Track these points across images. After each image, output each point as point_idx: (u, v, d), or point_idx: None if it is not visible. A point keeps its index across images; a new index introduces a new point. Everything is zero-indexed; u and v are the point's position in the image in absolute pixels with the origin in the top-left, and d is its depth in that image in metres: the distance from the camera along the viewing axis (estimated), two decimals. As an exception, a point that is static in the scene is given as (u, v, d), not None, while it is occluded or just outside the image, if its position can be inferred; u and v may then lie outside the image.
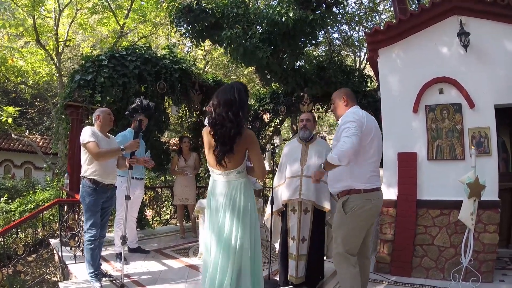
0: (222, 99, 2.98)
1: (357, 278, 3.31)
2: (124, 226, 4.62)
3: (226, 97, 2.98)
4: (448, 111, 5.02)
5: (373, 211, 3.32)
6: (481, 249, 4.64)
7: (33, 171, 18.31)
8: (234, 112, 2.92)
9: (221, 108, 2.95)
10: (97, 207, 4.39)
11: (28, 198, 10.13)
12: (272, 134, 12.54)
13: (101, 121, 4.49)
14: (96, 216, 4.37)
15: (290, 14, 6.68)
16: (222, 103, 2.96)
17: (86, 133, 4.26)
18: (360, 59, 17.62)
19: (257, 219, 3.23)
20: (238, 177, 3.10)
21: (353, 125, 3.20)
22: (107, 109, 4.67)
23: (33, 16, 14.36)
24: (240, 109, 2.96)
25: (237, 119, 2.91)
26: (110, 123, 4.63)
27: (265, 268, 5.13)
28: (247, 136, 3.00)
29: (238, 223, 3.03)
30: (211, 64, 18.93)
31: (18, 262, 5.19)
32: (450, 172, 4.88)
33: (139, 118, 4.46)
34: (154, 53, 7.60)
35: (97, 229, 4.34)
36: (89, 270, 4.30)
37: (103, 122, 4.51)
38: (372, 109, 7.68)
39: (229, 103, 2.94)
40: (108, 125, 4.60)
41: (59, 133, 7.02)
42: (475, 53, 4.93)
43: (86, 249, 4.32)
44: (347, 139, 3.15)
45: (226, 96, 2.98)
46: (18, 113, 14.50)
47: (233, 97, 2.96)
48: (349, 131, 3.19)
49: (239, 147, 2.97)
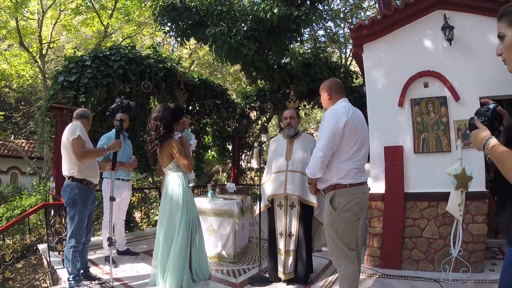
0: (152, 116, 4.27)
1: (356, 274, 3.29)
2: (110, 228, 4.57)
3: (154, 115, 4.21)
4: (433, 104, 5.04)
5: (362, 204, 3.30)
6: (470, 239, 4.69)
7: (20, 177, 18.03)
8: (157, 125, 4.13)
9: (151, 121, 4.21)
10: (87, 210, 4.27)
11: (14, 204, 9.96)
12: (259, 132, 12.54)
13: (88, 123, 4.41)
14: (85, 221, 4.22)
15: (274, 10, 6.67)
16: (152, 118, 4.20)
17: (76, 128, 4.07)
18: (345, 55, 17.67)
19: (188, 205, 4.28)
20: (170, 173, 4.34)
21: (327, 133, 3.17)
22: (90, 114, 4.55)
23: (16, 18, 14.18)
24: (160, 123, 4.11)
25: (157, 129, 4.12)
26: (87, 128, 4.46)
27: (255, 265, 5.15)
28: (168, 144, 4.14)
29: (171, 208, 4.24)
30: (196, 63, 18.84)
31: (6, 269, 5.08)
32: (437, 164, 4.91)
33: (120, 118, 4.41)
34: (138, 53, 7.52)
35: (83, 235, 4.21)
36: (71, 275, 4.12)
37: (87, 126, 4.39)
38: (358, 105, 7.69)
39: (154, 119, 4.16)
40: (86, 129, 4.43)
41: (44, 137, 6.91)
42: (460, 46, 4.96)
43: (70, 255, 4.08)
44: (317, 152, 3.22)
45: (154, 114, 4.20)
46: (3, 117, 14.31)
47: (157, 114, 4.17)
48: (322, 142, 3.20)
49: (163, 151, 4.21)
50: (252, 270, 5.06)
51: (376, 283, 4.49)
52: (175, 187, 4.26)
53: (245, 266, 5.29)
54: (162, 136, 4.11)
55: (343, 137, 3.18)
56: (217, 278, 4.74)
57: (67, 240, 4.23)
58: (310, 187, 3.65)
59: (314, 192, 3.66)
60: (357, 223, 3.30)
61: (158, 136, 4.12)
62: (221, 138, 10.68)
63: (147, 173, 10.34)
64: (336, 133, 3.15)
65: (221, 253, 5.48)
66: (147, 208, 9.31)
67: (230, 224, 5.45)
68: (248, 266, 5.30)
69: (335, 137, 3.16)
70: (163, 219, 4.28)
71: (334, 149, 3.21)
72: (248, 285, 4.47)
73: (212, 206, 5.58)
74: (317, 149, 3.25)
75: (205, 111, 9.83)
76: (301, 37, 8.01)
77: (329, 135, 3.16)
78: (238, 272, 4.98)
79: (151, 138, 4.19)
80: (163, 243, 4.22)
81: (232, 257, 5.41)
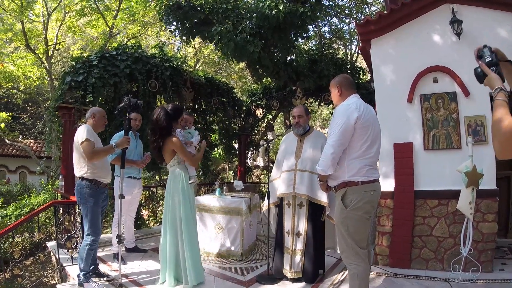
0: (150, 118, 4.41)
1: (367, 273, 3.23)
2: (119, 225, 4.57)
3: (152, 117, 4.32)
4: (443, 100, 4.98)
5: (374, 202, 3.25)
6: (480, 238, 4.63)
7: (28, 176, 18.21)
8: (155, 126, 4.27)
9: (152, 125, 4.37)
10: (99, 208, 4.33)
11: (23, 202, 10.03)
12: (265, 130, 12.51)
13: (96, 121, 4.40)
14: (98, 218, 4.30)
15: (280, 7, 6.63)
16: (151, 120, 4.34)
17: (84, 131, 4.15)
18: (351, 52, 17.58)
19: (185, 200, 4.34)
20: (171, 170, 4.43)
21: (338, 128, 3.13)
22: (103, 111, 4.59)
23: (22, 21, 14.24)
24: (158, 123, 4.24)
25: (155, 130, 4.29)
26: (102, 126, 4.57)
27: (263, 263, 5.13)
28: (168, 142, 4.25)
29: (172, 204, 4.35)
30: (201, 62, 18.83)
31: (15, 266, 5.14)
32: (447, 161, 4.85)
33: (128, 117, 4.40)
34: (144, 52, 7.52)
35: (99, 232, 4.29)
36: (82, 272, 4.21)
37: (97, 122, 4.42)
38: (366, 101, 7.60)
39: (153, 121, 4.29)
40: (100, 127, 4.53)
41: (52, 136, 6.94)
42: (468, 40, 4.88)
43: (85, 253, 4.17)
44: (328, 148, 3.19)
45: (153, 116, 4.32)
46: (11, 118, 14.42)
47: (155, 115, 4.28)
48: (332, 138, 3.16)
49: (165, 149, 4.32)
50: (260, 268, 5.04)
51: (385, 283, 4.45)
52: (176, 184, 4.38)
53: (252, 264, 5.28)
54: (160, 136, 4.28)
55: (354, 133, 3.13)
56: (224, 275, 4.73)
57: (84, 237, 4.32)
58: (321, 184, 3.61)
59: (325, 189, 3.62)
60: (369, 221, 3.25)
61: (157, 136, 4.30)
62: (227, 136, 10.66)
63: (154, 171, 10.36)
64: (347, 129, 3.11)
65: (229, 251, 5.48)
66: (154, 206, 9.33)
67: (238, 222, 5.44)
68: (256, 264, 5.28)
69: (346, 133, 3.12)
70: (166, 215, 4.41)
71: (345, 145, 3.17)
72: (256, 283, 4.45)
73: (220, 204, 5.58)
74: (328, 145, 3.21)
75: (211, 110, 9.84)
76: (307, 34, 7.94)
77: (340, 131, 3.12)
78: (246, 270, 4.97)
79: (151, 139, 4.40)
80: (169, 240, 4.31)
81: (239, 255, 5.40)
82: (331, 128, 3.23)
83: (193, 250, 4.29)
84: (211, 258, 5.52)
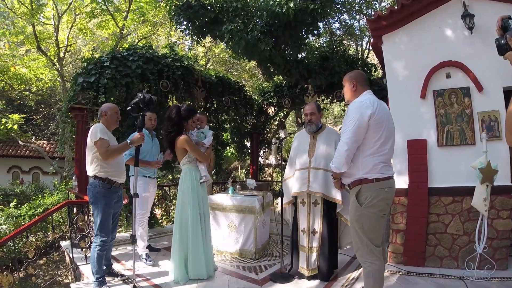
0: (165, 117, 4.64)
1: (382, 271, 3.20)
2: (134, 224, 4.43)
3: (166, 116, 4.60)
4: (456, 96, 4.93)
5: (388, 199, 3.23)
6: (494, 235, 4.58)
7: (41, 176, 18.44)
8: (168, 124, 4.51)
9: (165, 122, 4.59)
10: (111, 208, 4.20)
11: (37, 202, 10.16)
12: (277, 128, 12.50)
13: (108, 118, 4.28)
14: (109, 218, 4.18)
15: (290, 4, 6.60)
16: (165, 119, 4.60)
17: (97, 130, 4.03)
18: (362, 48, 17.47)
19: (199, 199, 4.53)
20: (183, 168, 4.61)
21: (352, 125, 3.12)
22: (115, 106, 4.42)
23: (33, 23, 14.39)
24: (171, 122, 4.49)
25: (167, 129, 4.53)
26: (116, 123, 4.41)
27: (277, 262, 5.13)
28: (179, 140, 4.44)
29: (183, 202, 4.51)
30: (212, 61, 18.86)
31: (29, 266, 5.19)
32: (461, 157, 4.80)
33: (142, 113, 4.28)
34: (155, 52, 7.56)
35: (109, 233, 4.19)
36: (95, 276, 4.10)
37: (110, 119, 4.29)
38: (379, 98, 7.56)
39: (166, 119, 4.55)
40: (114, 124, 4.38)
41: (65, 137, 7.01)
42: (481, 35, 4.82)
43: (95, 255, 4.08)
44: (342, 146, 3.18)
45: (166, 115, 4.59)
46: (24, 120, 14.58)
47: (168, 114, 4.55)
48: (346, 135, 3.15)
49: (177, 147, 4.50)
50: (273, 267, 5.03)
51: (400, 281, 4.41)
52: (186, 182, 4.54)
53: (266, 262, 5.27)
54: (172, 134, 4.49)
55: (368, 130, 3.11)
56: (238, 274, 4.74)
57: (93, 239, 4.23)
58: (335, 182, 3.60)
59: (339, 187, 3.61)
60: (383, 219, 3.23)
61: (168, 134, 4.53)
62: (239, 135, 10.70)
63: (167, 170, 10.41)
64: (361, 126, 3.09)
65: (242, 249, 5.48)
66: (167, 205, 9.38)
67: (251, 220, 5.44)
68: (269, 262, 5.27)
69: (359, 130, 3.10)
70: (177, 213, 4.54)
71: (359, 142, 3.15)
72: (270, 282, 4.44)
73: (233, 202, 5.58)
74: (341, 142, 3.20)
75: (223, 108, 9.86)
76: (318, 31, 7.90)
77: (354, 128, 3.10)
78: (260, 269, 4.97)
79: (163, 137, 4.65)
80: (178, 238, 4.44)
81: (253, 253, 5.40)
82: (345, 125, 3.21)
83: (194, 246, 4.38)
84: (224, 256, 5.54)
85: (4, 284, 4.54)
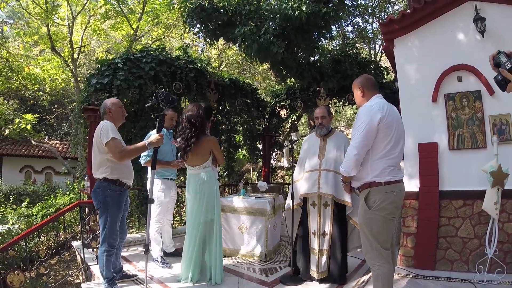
0: (185, 114, 4.34)
1: (391, 275, 3.22)
2: (147, 233, 4.18)
3: (188, 114, 4.30)
4: (467, 99, 4.93)
5: (397, 203, 3.24)
6: (505, 239, 4.56)
7: (54, 176, 18.65)
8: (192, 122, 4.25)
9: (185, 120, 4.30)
10: (120, 213, 4.03)
11: (49, 202, 10.28)
12: (289, 131, 12.50)
13: (113, 115, 4.03)
14: (118, 223, 4.01)
15: (303, 8, 6.62)
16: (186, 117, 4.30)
17: (108, 129, 3.78)
18: (375, 51, 17.44)
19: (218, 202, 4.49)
20: (203, 170, 4.39)
21: (361, 130, 3.14)
22: (118, 101, 4.17)
23: (47, 24, 14.60)
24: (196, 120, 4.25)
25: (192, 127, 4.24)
26: (122, 118, 4.18)
27: (287, 264, 5.14)
28: (206, 141, 4.32)
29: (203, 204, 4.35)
30: (225, 63, 18.95)
31: (41, 265, 5.23)
32: (472, 161, 4.79)
33: (163, 113, 4.16)
34: (168, 54, 7.62)
35: (117, 238, 4.04)
36: (105, 279, 3.99)
37: (115, 116, 4.05)
38: (390, 101, 7.54)
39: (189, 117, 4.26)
40: (120, 119, 4.15)
41: (78, 137, 7.11)
42: (492, 38, 4.82)
43: (104, 259, 3.94)
44: (351, 150, 3.20)
45: (188, 113, 4.30)
46: (37, 120, 14.78)
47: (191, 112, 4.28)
48: (356, 139, 3.17)
49: (200, 148, 4.29)
50: (284, 269, 5.04)
51: (410, 284, 4.41)
52: (212, 185, 4.43)
53: (276, 264, 5.30)
54: (198, 134, 4.25)
55: (378, 134, 3.14)
56: (248, 276, 4.76)
57: (100, 244, 4.07)
58: (344, 185, 3.63)
59: (349, 191, 3.64)
60: (392, 222, 3.24)
61: (194, 134, 4.24)
62: (251, 137, 10.71)
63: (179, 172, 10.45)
64: (371, 130, 3.11)
65: (253, 251, 5.50)
66: (179, 206, 9.41)
67: (262, 222, 5.47)
68: (280, 264, 5.29)
69: (369, 134, 3.13)
70: (197, 216, 4.37)
71: (369, 146, 3.18)
72: (280, 284, 4.46)
73: (245, 205, 5.61)
74: (351, 146, 3.23)
75: (236, 111, 9.90)
76: (330, 34, 7.92)
77: (363, 132, 3.12)
78: (270, 271, 4.98)
79: (185, 136, 4.27)
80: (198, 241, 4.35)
81: (264, 255, 5.42)
82: (355, 130, 3.24)
83: (218, 250, 4.39)
84: (235, 258, 5.57)
85: (15, 283, 4.55)
